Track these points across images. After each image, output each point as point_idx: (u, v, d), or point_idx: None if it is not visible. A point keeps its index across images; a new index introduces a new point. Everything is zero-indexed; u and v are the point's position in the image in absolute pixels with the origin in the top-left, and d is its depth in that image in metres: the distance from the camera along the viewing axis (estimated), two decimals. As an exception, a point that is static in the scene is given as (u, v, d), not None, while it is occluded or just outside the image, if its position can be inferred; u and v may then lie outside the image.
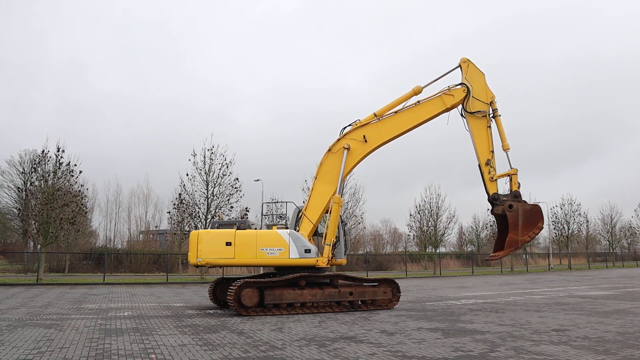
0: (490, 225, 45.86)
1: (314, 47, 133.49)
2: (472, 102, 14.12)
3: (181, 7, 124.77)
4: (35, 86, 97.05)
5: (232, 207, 30.23)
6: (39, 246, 29.16)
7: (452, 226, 41.72)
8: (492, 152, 13.96)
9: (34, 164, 28.70)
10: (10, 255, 38.90)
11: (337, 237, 13.90)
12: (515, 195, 13.57)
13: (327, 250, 13.43)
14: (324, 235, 13.70)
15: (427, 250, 43.15)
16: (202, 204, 29.90)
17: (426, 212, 40.35)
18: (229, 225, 14.22)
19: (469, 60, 14.46)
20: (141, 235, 51.21)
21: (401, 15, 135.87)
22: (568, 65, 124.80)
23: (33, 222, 28.08)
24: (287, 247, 13.13)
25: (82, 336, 8.95)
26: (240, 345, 8.11)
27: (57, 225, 26.99)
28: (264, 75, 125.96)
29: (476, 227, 59.63)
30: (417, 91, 14.36)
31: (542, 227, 13.40)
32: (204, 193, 29.89)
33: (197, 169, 30.00)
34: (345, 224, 15.16)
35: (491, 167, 13.81)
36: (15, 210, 40.65)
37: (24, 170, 33.21)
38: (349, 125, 14.38)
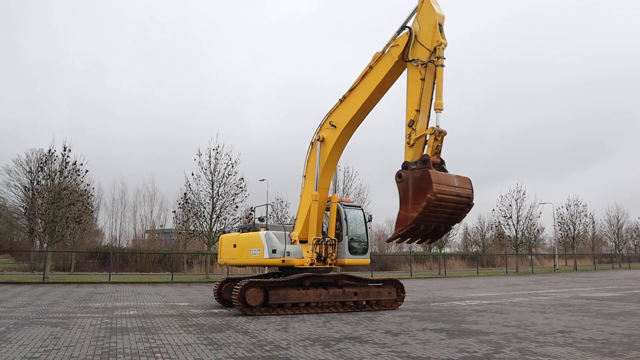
0: (496, 226, 45.71)
1: (326, 48, 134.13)
2: (414, 47, 11.33)
3: (203, 12, 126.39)
4: (56, 87, 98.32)
5: (237, 206, 30.30)
6: (45, 245, 29.28)
7: (457, 227, 41.66)
8: (418, 111, 10.73)
9: (41, 163, 28.83)
10: (17, 254, 39.11)
11: (339, 236, 13.90)
12: (424, 161, 10.03)
13: (304, 248, 13.62)
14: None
15: (432, 251, 43.08)
16: (207, 204, 29.97)
17: (431, 212, 40.20)
18: (246, 228, 14.77)
19: None
20: (146, 235, 51.33)
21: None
22: (577, 64, 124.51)
23: (39, 221, 28.23)
24: (262, 248, 13.42)
25: (88, 335, 9.00)
26: (245, 345, 8.14)
27: (63, 224, 27.09)
28: (277, 76, 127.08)
29: (481, 228, 59.31)
30: (377, 58, 12.59)
31: (433, 197, 9.43)
32: (209, 192, 29.97)
33: (202, 168, 30.10)
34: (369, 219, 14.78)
35: (413, 129, 10.67)
36: (22, 209, 40.88)
37: (31, 169, 33.37)
38: None
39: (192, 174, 30.25)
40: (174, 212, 34.68)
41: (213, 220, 29.76)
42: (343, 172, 33.56)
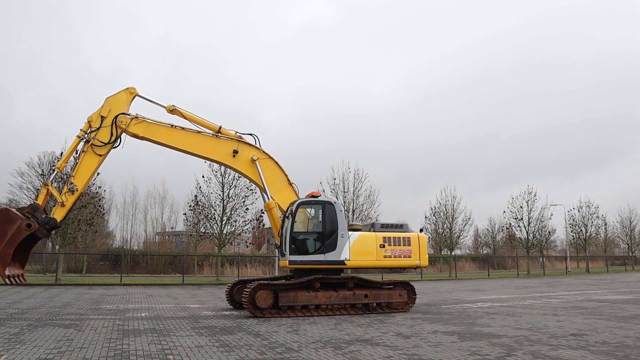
0: (507, 228, 45.45)
1: (343, 52, 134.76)
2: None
3: (225, 19, 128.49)
4: (76, 92, 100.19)
5: (247, 209, 30.38)
6: (57, 247, 29.59)
7: (468, 228, 41.49)
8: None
9: (52, 165, 29.11)
10: (30, 256, 39.35)
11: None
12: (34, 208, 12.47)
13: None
14: None
15: (442, 253, 42.93)
16: (217, 206, 30.08)
17: (441, 214, 40.16)
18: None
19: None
20: (157, 237, 51.65)
21: (430, 16, 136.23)
22: (594, 62, 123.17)
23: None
24: None
25: (101, 336, 9.07)
26: (256, 347, 8.16)
27: (75, 227, 27.39)
28: (293, 79, 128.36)
29: (492, 230, 59.11)
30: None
31: None
32: (219, 195, 30.07)
33: (212, 170, 30.19)
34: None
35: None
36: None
37: (43, 171, 33.71)
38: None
39: (203, 176, 30.42)
40: (185, 214, 34.91)
41: (223, 222, 29.86)
42: (353, 174, 33.52)
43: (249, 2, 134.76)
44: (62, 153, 27.28)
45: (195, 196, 31.00)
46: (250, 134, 14.91)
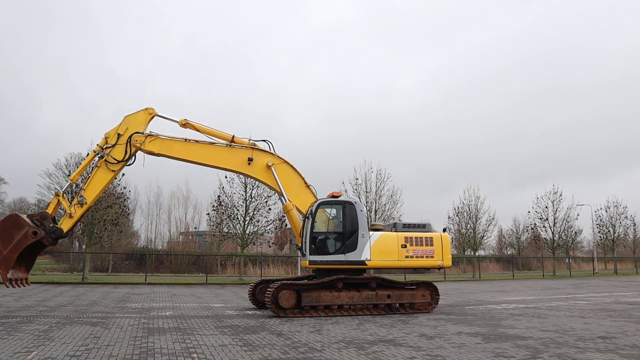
0: (532, 229, 44.77)
1: (367, 52, 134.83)
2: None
3: (249, 22, 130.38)
4: (103, 94, 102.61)
5: (270, 209, 30.52)
6: (84, 246, 30.11)
7: (492, 229, 40.95)
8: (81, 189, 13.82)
9: (78, 166, 29.65)
10: (57, 255, 40.25)
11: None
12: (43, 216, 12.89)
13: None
14: None
15: (466, 253, 42.48)
16: (240, 206, 30.27)
17: (465, 214, 39.75)
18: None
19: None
20: (181, 237, 52.21)
21: (453, 13, 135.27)
22: (624, 56, 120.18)
23: (79, 223, 29.02)
24: None
25: (127, 334, 9.21)
26: (279, 347, 8.19)
27: (101, 226, 27.86)
28: (316, 80, 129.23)
29: (517, 230, 58.22)
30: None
31: None
32: (242, 195, 30.26)
33: (235, 171, 30.37)
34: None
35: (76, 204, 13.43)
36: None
37: (70, 172, 34.47)
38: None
39: (226, 177, 30.61)
40: (208, 214, 35.21)
41: (246, 222, 30.04)
42: (375, 173, 33.38)
43: (273, 3, 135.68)
44: (88, 154, 27.79)
45: (219, 196, 31.25)
46: (264, 140, 14.99)
